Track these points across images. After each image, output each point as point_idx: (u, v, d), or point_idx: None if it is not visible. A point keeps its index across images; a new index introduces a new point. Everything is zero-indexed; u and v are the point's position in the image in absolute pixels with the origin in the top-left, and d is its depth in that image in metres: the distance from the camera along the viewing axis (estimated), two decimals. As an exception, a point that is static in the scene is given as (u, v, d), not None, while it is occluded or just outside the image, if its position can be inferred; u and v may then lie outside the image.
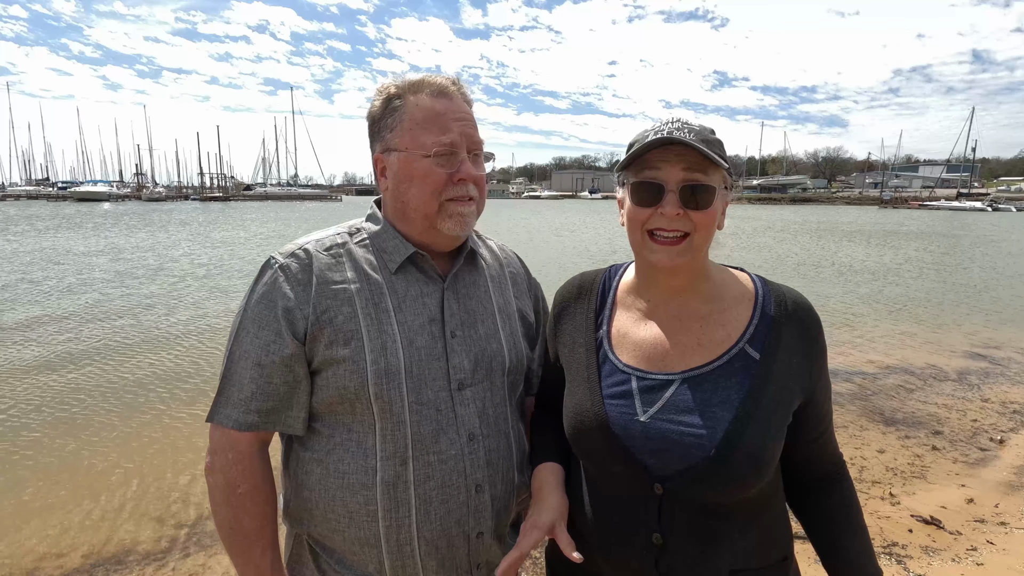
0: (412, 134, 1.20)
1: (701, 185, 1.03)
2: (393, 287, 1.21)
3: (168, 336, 7.98)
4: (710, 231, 1.07)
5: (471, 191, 1.22)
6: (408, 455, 1.15)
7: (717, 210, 1.07)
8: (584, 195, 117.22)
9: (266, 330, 1.15)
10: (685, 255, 1.06)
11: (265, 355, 1.14)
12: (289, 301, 1.15)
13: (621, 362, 1.13)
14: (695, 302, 1.12)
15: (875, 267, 16.14)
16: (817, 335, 1.11)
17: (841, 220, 42.00)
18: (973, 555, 3.29)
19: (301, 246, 1.23)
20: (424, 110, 1.20)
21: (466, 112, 1.24)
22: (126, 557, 3.35)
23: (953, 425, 5.21)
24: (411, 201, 1.21)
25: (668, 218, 1.04)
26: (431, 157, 1.18)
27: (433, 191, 1.19)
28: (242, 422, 1.15)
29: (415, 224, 1.23)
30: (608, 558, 1.10)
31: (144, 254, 17.51)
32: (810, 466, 1.16)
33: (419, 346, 1.18)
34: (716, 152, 1.03)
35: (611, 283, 1.24)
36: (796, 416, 1.09)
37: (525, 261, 1.54)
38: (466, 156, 1.21)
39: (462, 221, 1.21)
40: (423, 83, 1.22)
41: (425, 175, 1.19)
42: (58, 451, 4.64)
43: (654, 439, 1.03)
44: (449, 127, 1.19)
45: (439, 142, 1.18)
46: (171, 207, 58.86)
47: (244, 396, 1.15)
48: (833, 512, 1.15)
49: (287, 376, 1.15)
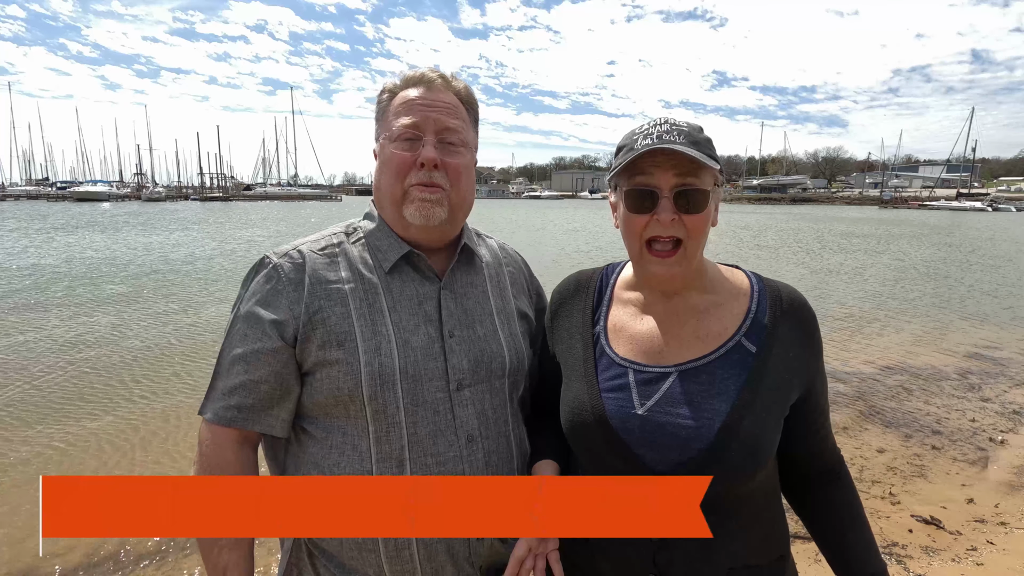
0: (387, 123, 1.24)
1: (694, 189, 1.04)
2: (388, 287, 1.21)
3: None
4: (703, 234, 1.08)
5: (436, 178, 1.19)
6: (405, 457, 1.15)
7: (711, 211, 1.08)
8: (584, 195, 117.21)
9: (255, 329, 1.15)
10: (680, 265, 1.07)
11: (252, 354, 1.14)
12: (280, 302, 1.15)
13: (618, 356, 1.13)
14: (691, 297, 1.14)
15: (875, 267, 16.14)
16: (813, 329, 1.12)
17: (843, 216, 41.99)
18: (973, 555, 3.29)
19: (296, 246, 1.23)
20: (401, 99, 1.23)
21: (443, 100, 1.23)
22: (126, 557, 3.36)
23: (953, 425, 5.21)
24: (382, 187, 1.24)
25: (663, 224, 1.05)
26: (395, 140, 1.20)
27: (395, 174, 1.20)
28: (221, 416, 1.15)
29: (388, 213, 1.25)
30: (606, 555, 1.11)
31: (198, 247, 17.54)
32: (811, 461, 1.17)
33: (415, 346, 1.17)
34: (705, 152, 1.04)
35: (608, 280, 1.25)
36: (795, 410, 1.10)
37: (548, 257, 1.53)
38: (431, 140, 1.20)
39: (424, 209, 1.19)
40: (411, 78, 1.25)
41: (389, 159, 1.21)
42: (58, 450, 4.64)
43: (652, 432, 1.04)
44: (414, 111, 1.20)
45: (401, 123, 1.20)
46: (174, 207, 58.85)
47: (226, 391, 1.16)
48: (836, 507, 1.16)
49: (271, 376, 1.15)
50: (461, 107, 1.27)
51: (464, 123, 1.26)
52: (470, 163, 1.28)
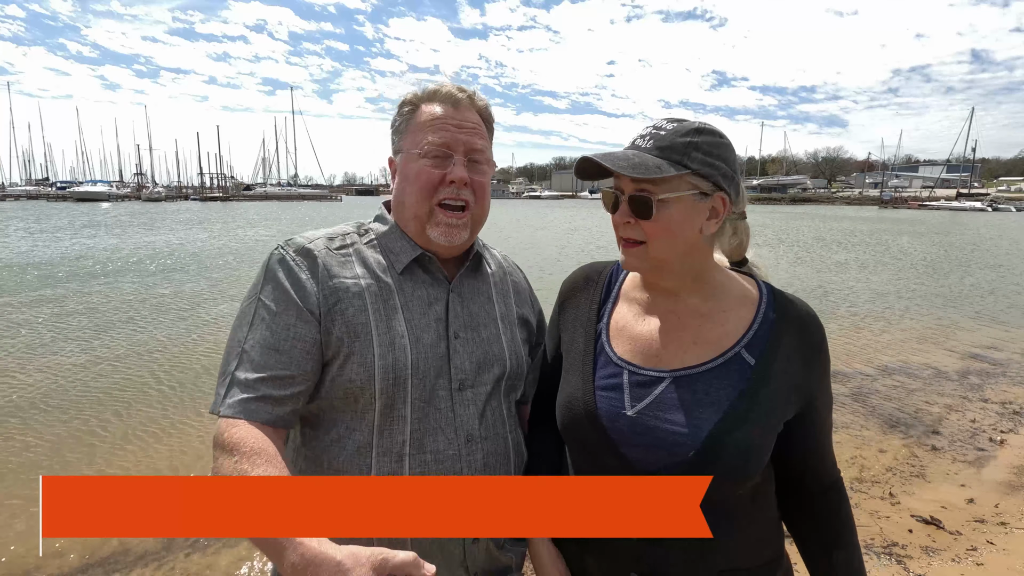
0: (413, 136, 1.25)
1: (642, 197, 1.03)
2: (401, 287, 1.22)
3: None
4: (666, 240, 1.05)
5: (463, 194, 1.23)
6: (404, 452, 1.15)
7: (671, 220, 1.03)
8: (584, 195, 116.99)
9: (280, 317, 1.11)
10: (641, 261, 1.08)
11: (284, 340, 1.10)
12: (301, 289, 1.15)
13: (616, 355, 1.14)
14: (694, 300, 1.13)
15: (873, 267, 16.14)
16: (820, 346, 1.09)
17: (843, 215, 41.95)
18: (973, 555, 3.29)
19: (310, 240, 1.23)
20: (428, 114, 1.26)
21: (471, 120, 1.27)
22: (126, 557, 3.35)
23: (953, 425, 5.21)
24: (406, 200, 1.25)
25: (619, 226, 1.08)
26: (425, 157, 1.22)
27: (423, 190, 1.22)
28: (251, 411, 1.05)
29: (410, 226, 1.26)
30: (598, 555, 1.11)
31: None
32: (805, 478, 1.14)
33: (426, 343, 1.19)
34: (672, 158, 1.02)
35: (618, 276, 1.26)
36: (792, 426, 1.08)
37: (548, 257, 1.54)
38: (461, 159, 1.23)
39: (450, 232, 1.23)
40: (437, 93, 1.27)
41: (418, 174, 1.23)
42: (58, 448, 4.64)
43: (640, 434, 1.04)
44: (446, 129, 1.23)
45: (432, 141, 1.22)
46: (175, 207, 58.83)
47: (250, 382, 1.07)
48: (824, 525, 1.14)
49: (299, 363, 1.10)
50: (483, 125, 1.30)
51: (487, 142, 1.30)
52: (490, 178, 1.33)
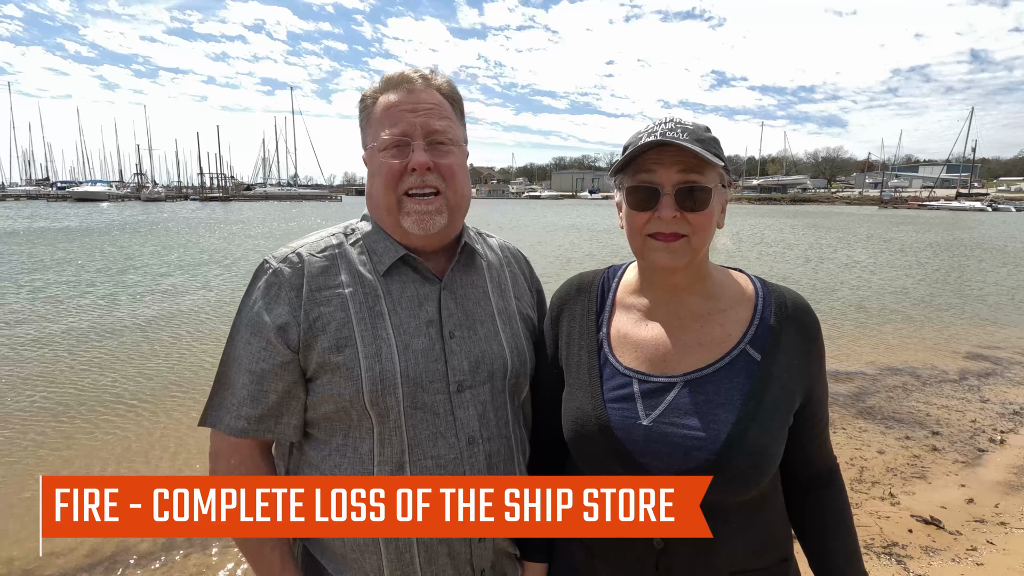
0: (373, 130, 1.22)
1: (697, 186, 1.03)
2: (388, 289, 1.20)
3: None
4: (708, 232, 1.07)
5: (429, 179, 1.17)
6: (404, 460, 1.14)
7: (715, 210, 1.06)
8: (584, 195, 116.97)
9: (258, 337, 1.14)
10: (684, 255, 1.06)
11: (256, 363, 1.14)
12: (282, 308, 1.14)
13: (622, 365, 1.12)
14: (694, 301, 1.13)
15: (873, 267, 16.13)
16: (816, 336, 1.11)
17: (843, 213, 41.95)
18: (973, 555, 3.29)
19: (295, 250, 1.21)
20: (383, 105, 1.22)
21: (426, 101, 1.20)
22: (126, 557, 3.35)
23: (953, 425, 5.21)
24: (375, 196, 1.23)
25: (665, 221, 1.03)
26: (384, 150, 1.19)
27: (387, 183, 1.19)
28: (235, 428, 1.15)
29: (386, 222, 1.23)
30: (609, 562, 1.10)
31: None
32: (804, 467, 1.16)
33: (416, 349, 1.17)
34: (711, 150, 1.02)
35: (610, 284, 1.24)
36: (795, 416, 1.09)
37: (549, 257, 1.52)
38: (420, 144, 1.18)
39: (422, 219, 1.18)
40: (390, 80, 1.23)
41: (379, 168, 1.20)
42: (57, 448, 4.64)
43: (656, 441, 1.03)
44: (400, 117, 1.18)
45: (387, 132, 1.18)
46: (177, 207, 58.77)
47: (235, 402, 1.15)
48: (822, 513, 1.15)
49: (277, 385, 1.14)
50: (446, 104, 1.24)
51: (451, 121, 1.23)
52: (462, 160, 1.25)
